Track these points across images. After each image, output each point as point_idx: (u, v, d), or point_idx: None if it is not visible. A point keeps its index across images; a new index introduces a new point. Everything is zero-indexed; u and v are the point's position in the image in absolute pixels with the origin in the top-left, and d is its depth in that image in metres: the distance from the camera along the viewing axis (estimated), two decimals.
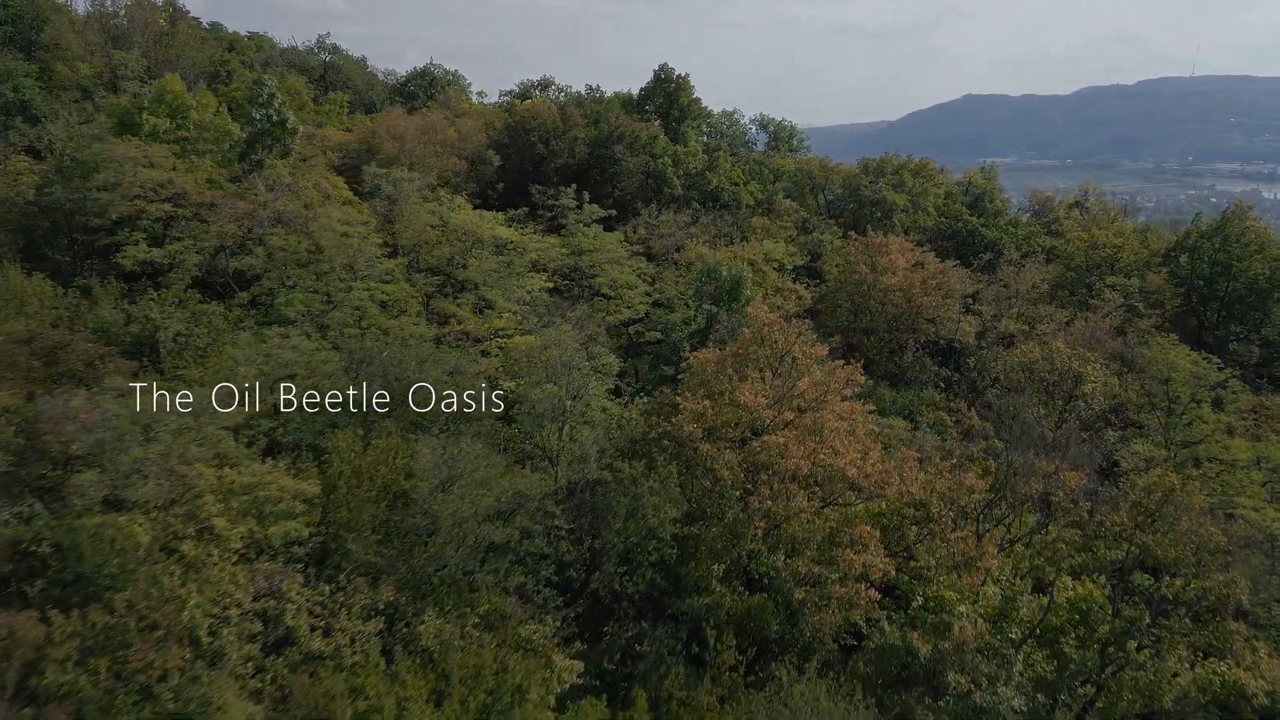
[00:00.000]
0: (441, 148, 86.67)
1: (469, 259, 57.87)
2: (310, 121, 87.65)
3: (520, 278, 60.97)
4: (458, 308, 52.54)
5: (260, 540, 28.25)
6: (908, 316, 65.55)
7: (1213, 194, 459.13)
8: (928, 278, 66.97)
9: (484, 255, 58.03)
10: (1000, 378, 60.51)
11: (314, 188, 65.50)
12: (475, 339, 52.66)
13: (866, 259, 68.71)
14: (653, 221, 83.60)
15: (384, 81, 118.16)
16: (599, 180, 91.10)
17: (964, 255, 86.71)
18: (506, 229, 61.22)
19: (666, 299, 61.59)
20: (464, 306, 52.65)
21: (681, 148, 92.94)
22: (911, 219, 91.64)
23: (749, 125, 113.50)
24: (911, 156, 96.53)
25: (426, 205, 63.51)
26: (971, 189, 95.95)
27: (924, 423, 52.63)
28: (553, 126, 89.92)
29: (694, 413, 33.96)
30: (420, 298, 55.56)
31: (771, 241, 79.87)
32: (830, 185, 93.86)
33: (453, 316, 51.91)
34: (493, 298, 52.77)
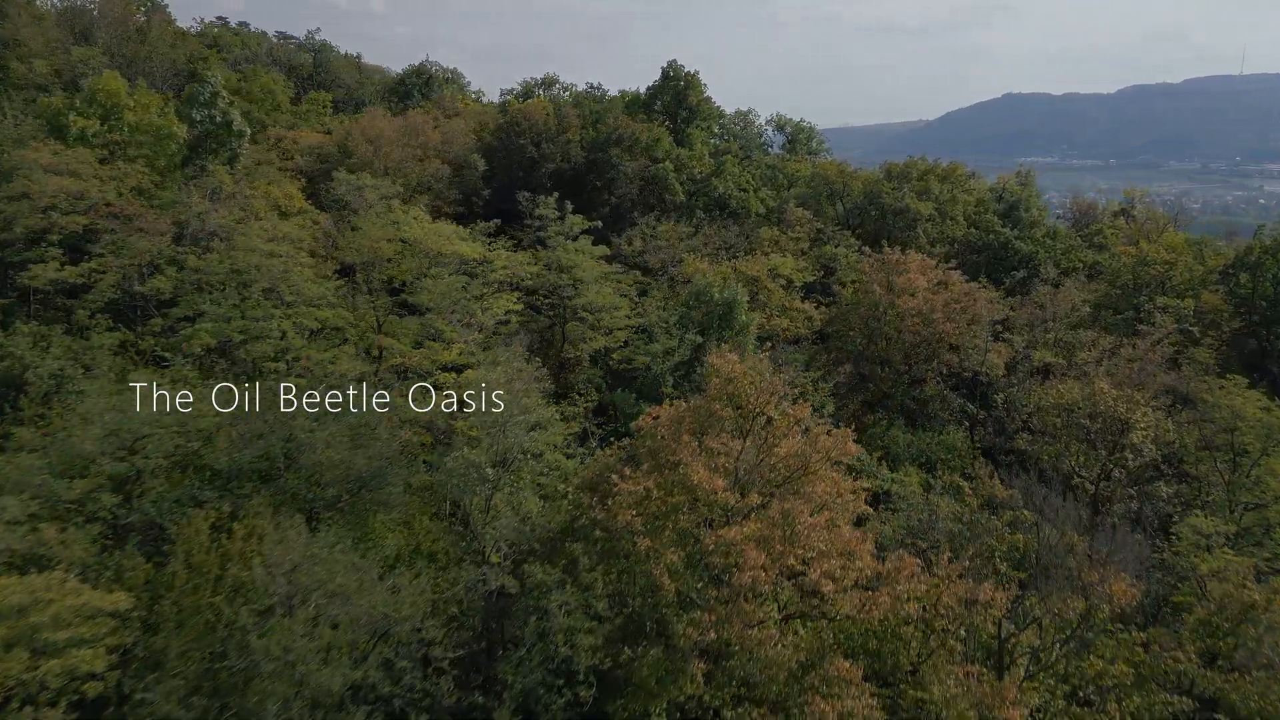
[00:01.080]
0: (423, 151, 79.96)
1: (424, 279, 50.85)
2: (283, 123, 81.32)
3: (485, 300, 53.93)
4: (394, 340, 45.44)
5: (29, 683, 21.30)
6: (927, 345, 57.55)
7: (1261, 195, 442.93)
8: (951, 300, 58.88)
9: (441, 275, 50.99)
10: (1033, 420, 52.42)
11: (263, 197, 58.99)
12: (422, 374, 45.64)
13: (882, 278, 60.78)
14: (650, 232, 76.21)
15: (374, 80, 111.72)
16: (595, 186, 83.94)
17: (995, 271, 78.33)
18: (468, 244, 54.05)
19: (647, 325, 54.13)
20: (403, 339, 45.49)
21: (686, 151, 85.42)
22: (938, 229, 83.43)
23: (765, 126, 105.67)
24: (939, 160, 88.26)
25: (389, 216, 56.58)
26: (1005, 196, 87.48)
27: (939, 484, 44.68)
28: (545, 128, 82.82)
29: (633, 496, 26.61)
30: (368, 324, 48.63)
31: (779, 255, 72.13)
32: (849, 192, 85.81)
33: (389, 349, 44.90)
34: (441, 326, 45.64)
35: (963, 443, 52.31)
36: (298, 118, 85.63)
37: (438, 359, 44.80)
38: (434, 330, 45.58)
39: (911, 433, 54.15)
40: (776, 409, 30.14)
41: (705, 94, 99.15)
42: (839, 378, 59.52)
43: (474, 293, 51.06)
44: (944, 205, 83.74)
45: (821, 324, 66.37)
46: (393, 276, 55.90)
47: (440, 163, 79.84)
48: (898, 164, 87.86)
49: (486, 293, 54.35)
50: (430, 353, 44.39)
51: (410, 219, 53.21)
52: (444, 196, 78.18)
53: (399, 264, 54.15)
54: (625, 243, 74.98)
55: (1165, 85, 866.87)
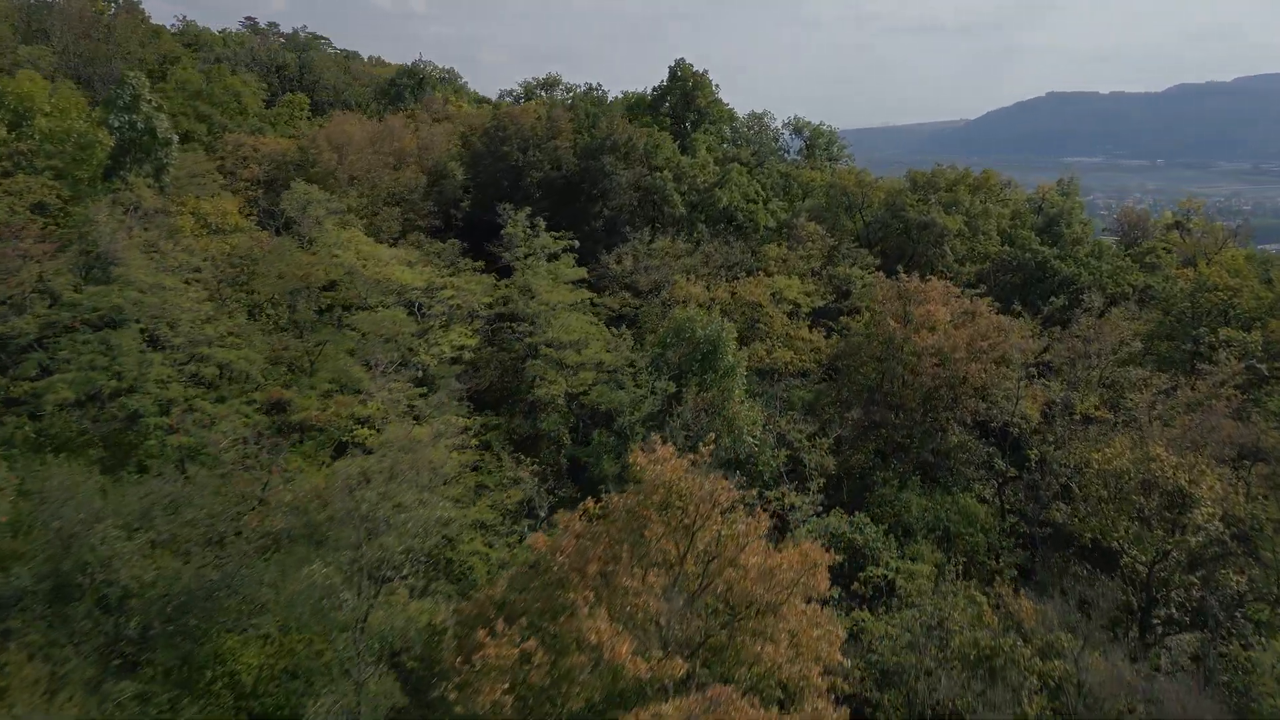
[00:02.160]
0: (397, 159, 72.94)
1: (357, 313, 43.61)
2: (248, 127, 74.69)
3: (432, 334, 46.65)
4: (291, 392, 38.11)
5: None
6: (949, 389, 49.30)
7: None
8: (977, 336, 50.56)
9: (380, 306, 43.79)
10: (1073, 483, 44.04)
11: (191, 213, 52.20)
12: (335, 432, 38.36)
13: (897, 308, 52.59)
14: (644, 249, 68.54)
15: (364, 81, 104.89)
16: (588, 197, 76.40)
17: (1031, 295, 69.69)
18: (412, 270, 46.74)
19: (612, 366, 46.35)
20: (308, 393, 38.10)
21: (688, 159, 77.58)
22: (968, 246, 74.90)
23: (781, 130, 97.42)
24: (969, 170, 79.59)
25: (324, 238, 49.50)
26: (1045, 208, 78.63)
27: (954, 579, 36.44)
28: (531, 134, 75.40)
29: (503, 663, 18.96)
30: (277, 366, 41.45)
31: (785, 277, 64.12)
32: (868, 204, 77.47)
33: (291, 403, 37.63)
34: (357, 373, 38.28)
35: (986, 515, 43.94)
36: (267, 122, 79.01)
37: (353, 413, 37.48)
38: (348, 377, 38.24)
39: (928, 494, 45.96)
40: (726, 524, 22.41)
41: (716, 95, 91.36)
42: (848, 423, 51.47)
43: (409, 329, 43.68)
44: (975, 219, 75.18)
45: (831, 355, 58.28)
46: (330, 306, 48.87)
47: (416, 171, 72.79)
48: (923, 172, 79.33)
49: (433, 326, 47.06)
50: (342, 406, 37.08)
51: (343, 241, 45.99)
52: (418, 209, 71.14)
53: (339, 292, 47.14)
54: (614, 261, 67.46)
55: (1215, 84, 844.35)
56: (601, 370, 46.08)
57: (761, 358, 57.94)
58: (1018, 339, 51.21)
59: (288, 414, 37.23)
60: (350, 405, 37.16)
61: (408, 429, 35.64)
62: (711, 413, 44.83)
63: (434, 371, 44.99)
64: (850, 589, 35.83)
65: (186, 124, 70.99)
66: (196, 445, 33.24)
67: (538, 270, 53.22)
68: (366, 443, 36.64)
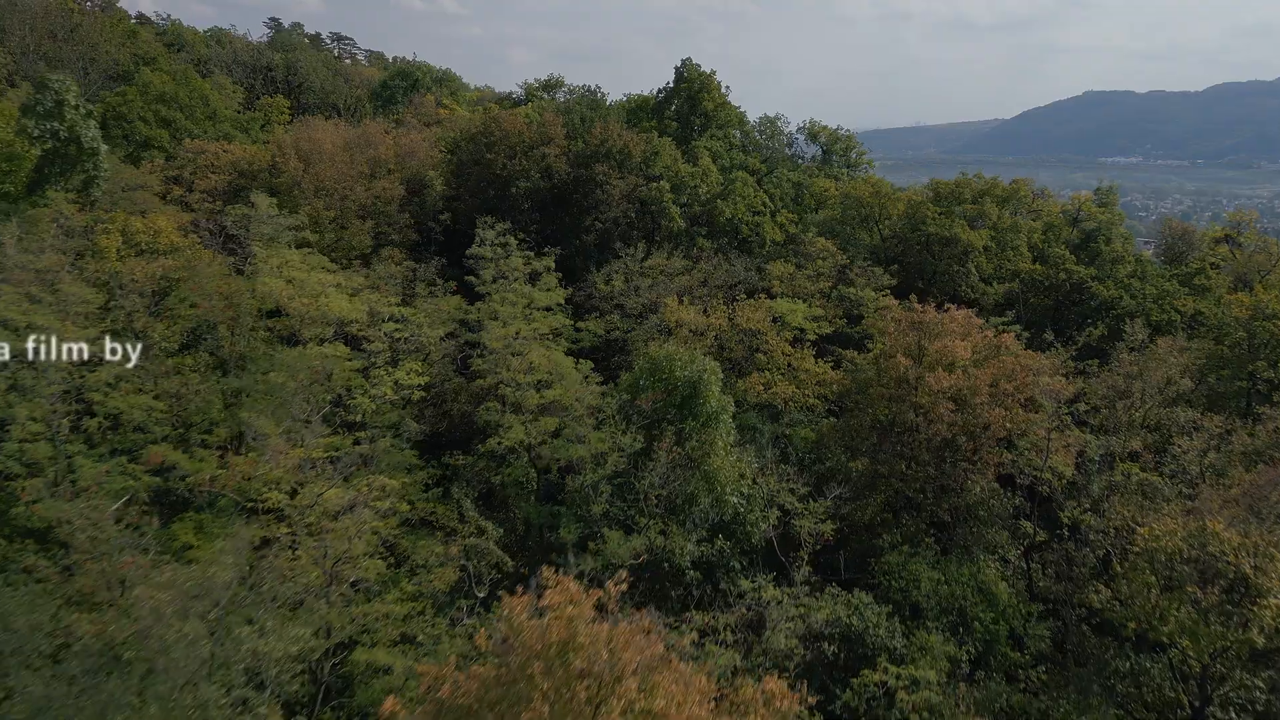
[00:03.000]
0: (372, 168, 67.50)
1: (282, 352, 38.03)
2: (211, 133, 69.61)
3: (374, 374, 40.99)
4: (178, 454, 32.51)
5: None
6: (967, 438, 42.81)
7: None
8: (1002, 376, 44.02)
9: (312, 345, 38.18)
10: (1113, 561, 37.54)
11: (119, 231, 46.97)
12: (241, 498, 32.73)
13: (910, 341, 46.19)
14: (636, 266, 62.62)
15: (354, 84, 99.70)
16: (580, 209, 70.62)
17: (1065, 320, 63.00)
18: (347, 300, 41.08)
19: (572, 417, 40.27)
20: (201, 451, 32.50)
21: (689, 167, 71.45)
22: (995, 264, 68.25)
23: (796, 134, 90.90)
24: (997, 179, 72.81)
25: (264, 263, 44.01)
26: (1081, 221, 71.66)
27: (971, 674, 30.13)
28: (517, 140, 69.66)
29: None
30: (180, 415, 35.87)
31: (789, 300, 57.92)
32: (885, 217, 70.97)
33: (176, 465, 32.06)
34: (265, 427, 32.61)
35: (1010, 597, 37.42)
36: (239, 128, 73.91)
37: (260, 475, 31.81)
38: (255, 431, 32.57)
39: (941, 565, 39.59)
40: (645, 697, 16.40)
41: (724, 98, 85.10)
42: (853, 473, 45.17)
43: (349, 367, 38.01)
44: (1003, 233, 68.49)
45: (839, 389, 51.99)
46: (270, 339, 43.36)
47: (393, 181, 67.31)
48: (947, 182, 72.70)
49: (377, 363, 41.38)
50: (243, 466, 31.42)
51: (273, 265, 40.44)
52: (394, 222, 65.68)
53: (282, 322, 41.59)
54: (602, 281, 61.61)
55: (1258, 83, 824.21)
56: (569, 415, 40.10)
57: (759, 393, 51.89)
58: (1049, 381, 44.58)
59: (176, 478, 31.75)
60: (254, 465, 31.54)
61: (319, 493, 30.09)
62: (690, 468, 38.83)
63: (374, 418, 39.31)
64: (839, 703, 29.71)
65: (147, 130, 66.04)
66: (50, 521, 27.78)
67: (506, 295, 47.38)
68: (279, 509, 31.18)
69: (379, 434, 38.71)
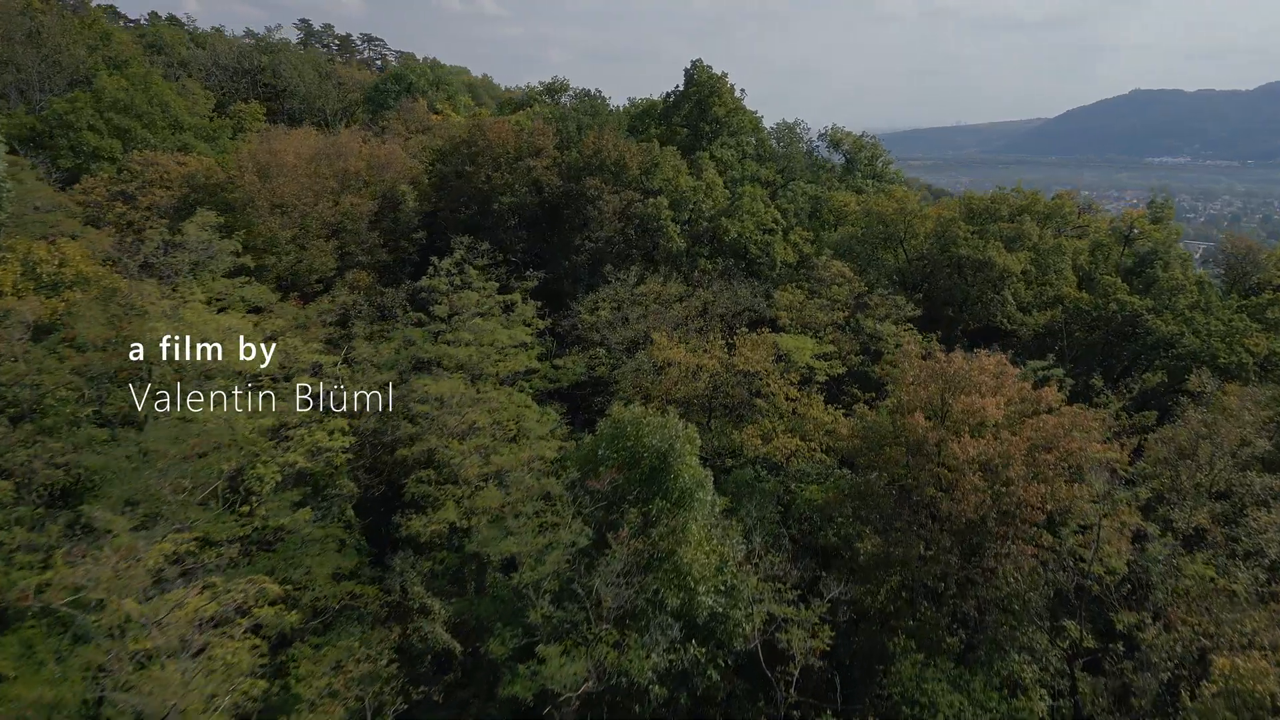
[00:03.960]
0: (340, 182, 61.30)
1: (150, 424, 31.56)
2: (170, 143, 63.82)
3: (290, 440, 34.53)
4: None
5: None
6: (998, 518, 35.36)
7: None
8: (1041, 440, 36.53)
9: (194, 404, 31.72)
10: (1181, 690, 30.03)
11: (20, 260, 41.06)
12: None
13: (931, 394, 38.83)
14: (627, 293, 55.84)
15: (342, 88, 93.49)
16: (571, 226, 63.97)
17: (1116, 357, 55.23)
18: (258, 346, 34.55)
19: (515, 493, 33.28)
20: (20, 565, 25.95)
21: (691, 180, 64.36)
22: (1035, 292, 60.54)
23: (817, 142, 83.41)
24: (1037, 194, 64.99)
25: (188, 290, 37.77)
26: (1134, 241, 63.58)
27: None
28: (501, 152, 63.06)
29: None
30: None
31: (796, 336, 50.78)
32: (911, 236, 63.45)
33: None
34: (111, 523, 26.10)
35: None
36: (202, 137, 68.08)
37: (94, 582, 25.33)
38: (101, 523, 26.09)
39: (965, 678, 32.33)
40: None
41: (738, 102, 77.85)
42: (861, 554, 37.95)
43: (234, 441, 31.50)
44: (1045, 255, 60.69)
45: (850, 447, 44.66)
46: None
47: (364, 196, 61.06)
48: (980, 197, 64.99)
49: (290, 424, 34.90)
50: (69, 575, 24.98)
51: (161, 307, 34.07)
52: (362, 241, 59.43)
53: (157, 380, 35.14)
54: (587, 310, 54.90)
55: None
56: (516, 488, 33.18)
57: (757, 446, 44.88)
58: (1098, 448, 36.97)
59: None
60: (84, 572, 25.13)
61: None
62: (658, 560, 31.88)
63: (283, 493, 32.84)
64: None
65: (96, 140, 60.41)
66: None
67: (462, 335, 40.74)
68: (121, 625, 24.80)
69: (286, 509, 32.21)
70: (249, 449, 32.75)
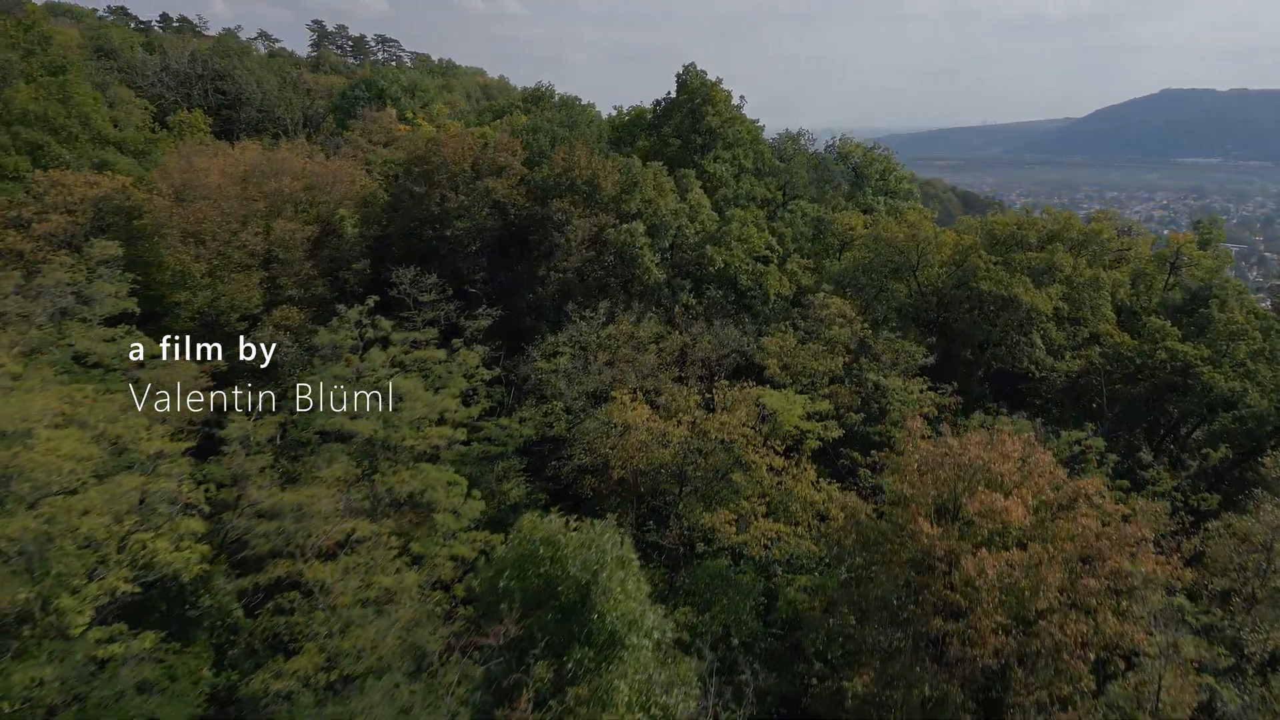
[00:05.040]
0: (274, 204, 54.16)
1: None
2: (88, 159, 56.89)
3: (121, 548, 27.25)
4: None
5: None
6: (1024, 661, 27.46)
7: None
8: (1079, 552, 28.64)
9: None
10: None
11: None
12: None
13: (942, 487, 30.97)
14: (592, 335, 48.35)
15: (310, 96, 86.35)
16: (538, 255, 56.52)
17: (1163, 412, 47.12)
18: (73, 438, 27.29)
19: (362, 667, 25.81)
20: None
21: (672, 202, 56.61)
22: (1069, 332, 52.47)
23: (825, 154, 75.42)
24: (1071, 216, 56.85)
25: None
26: (1184, 273, 55.29)
27: None
28: (458, 170, 55.66)
29: None
30: None
31: (784, 393, 42.95)
32: (925, 264, 55.46)
33: None
34: None
35: None
36: (131, 152, 61.10)
37: None
38: None
39: None
40: None
41: (735, 110, 70.08)
42: (850, 695, 30.17)
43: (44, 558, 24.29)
44: (1080, 290, 52.57)
45: (844, 542, 36.77)
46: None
47: (300, 220, 53.88)
48: (1005, 221, 56.88)
49: (123, 531, 27.56)
50: None
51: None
52: (295, 272, 52.28)
53: None
54: (543, 356, 47.47)
55: None
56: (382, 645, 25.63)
57: (729, 535, 37.23)
58: (1154, 565, 28.91)
59: None
60: None
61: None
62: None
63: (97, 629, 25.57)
64: None
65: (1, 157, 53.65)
66: None
67: (355, 408, 33.33)
68: None
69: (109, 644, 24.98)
70: (60, 569, 25.53)
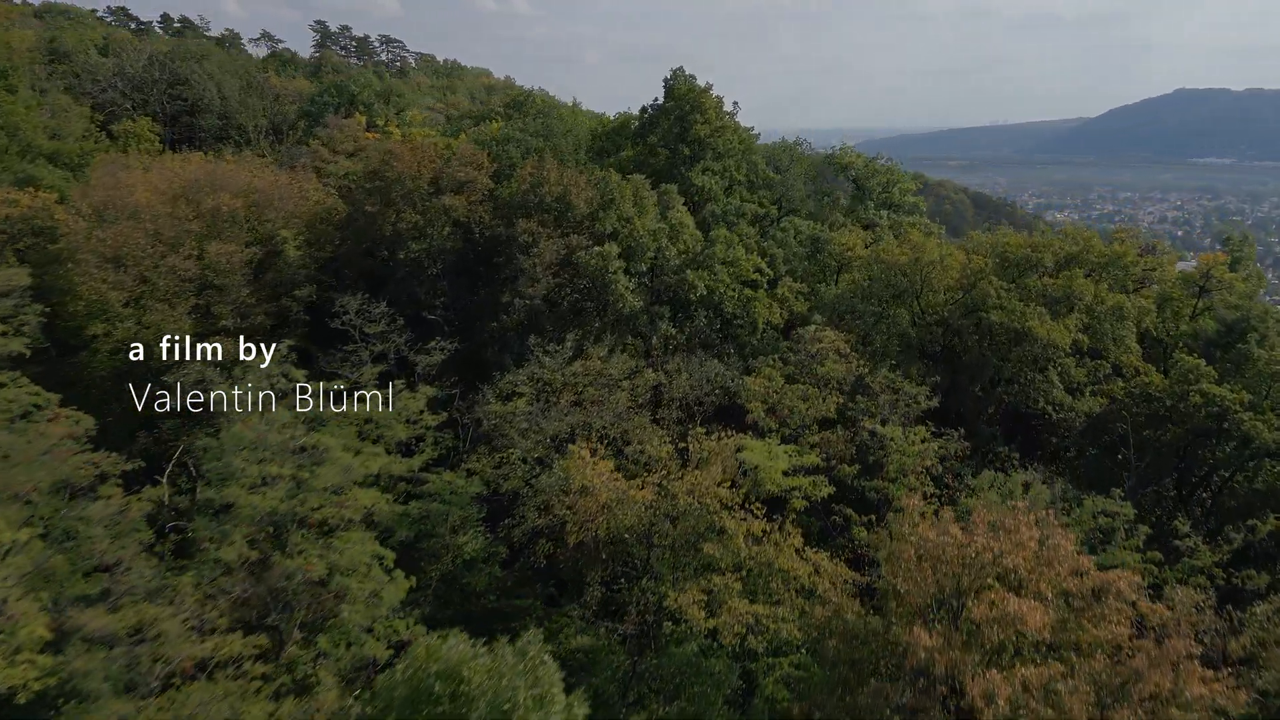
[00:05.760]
0: (210, 224, 49.28)
1: None
2: (13, 172, 52.18)
3: None
4: None
5: None
6: None
7: None
8: (1106, 664, 23.47)
9: None
10: None
11: None
12: None
13: (944, 581, 25.78)
14: (555, 372, 43.32)
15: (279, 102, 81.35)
16: (505, 278, 51.52)
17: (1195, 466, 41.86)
18: None
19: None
20: None
21: (651, 222, 51.47)
22: (1089, 367, 47.25)
23: (825, 166, 70.19)
24: (1093, 235, 51.60)
25: None
26: (1213, 299, 49.94)
27: None
28: (415, 186, 50.69)
29: None
30: None
31: (767, 445, 37.82)
32: (929, 289, 50.23)
33: None
34: None
35: None
36: (66, 165, 56.34)
37: None
38: None
39: None
40: None
41: (727, 119, 64.95)
42: None
43: None
44: (1101, 321, 47.29)
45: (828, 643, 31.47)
46: None
47: (239, 242, 48.96)
48: (1018, 241, 51.60)
49: None
50: None
51: None
52: (231, 299, 47.38)
53: None
54: (499, 398, 42.50)
55: None
56: None
57: (697, 618, 32.10)
58: (1201, 686, 23.67)
59: None
60: None
61: None
62: None
63: None
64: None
65: None
66: None
67: (265, 469, 28.37)
68: None
69: None
70: None
